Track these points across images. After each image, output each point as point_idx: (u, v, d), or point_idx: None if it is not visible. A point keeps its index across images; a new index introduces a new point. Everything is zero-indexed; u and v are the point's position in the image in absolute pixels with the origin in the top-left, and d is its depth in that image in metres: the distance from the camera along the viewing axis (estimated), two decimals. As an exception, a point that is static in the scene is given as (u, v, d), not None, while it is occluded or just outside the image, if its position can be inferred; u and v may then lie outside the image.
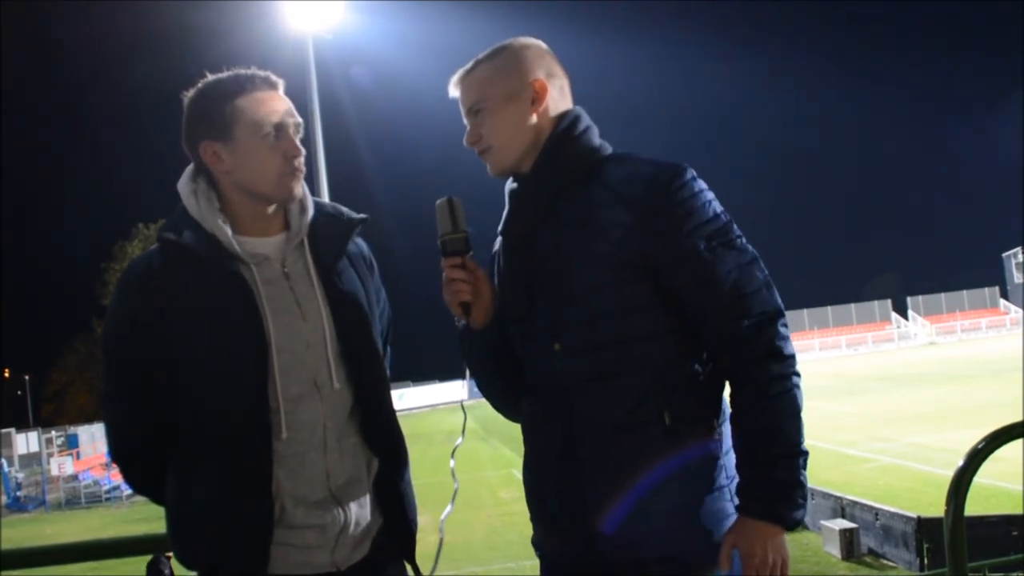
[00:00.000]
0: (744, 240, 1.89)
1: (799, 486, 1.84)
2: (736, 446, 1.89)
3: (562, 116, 2.00)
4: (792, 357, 1.87)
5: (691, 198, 1.87)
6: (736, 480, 1.91)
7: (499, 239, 2.10)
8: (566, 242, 1.91)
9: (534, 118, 1.98)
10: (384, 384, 2.08)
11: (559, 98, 2.01)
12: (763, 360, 1.84)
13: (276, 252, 1.98)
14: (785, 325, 1.87)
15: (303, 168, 1.97)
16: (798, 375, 1.88)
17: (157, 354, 1.88)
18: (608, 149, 2.01)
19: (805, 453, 1.84)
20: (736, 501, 1.89)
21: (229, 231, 1.92)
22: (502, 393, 2.14)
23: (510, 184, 2.06)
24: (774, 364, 1.84)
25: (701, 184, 1.90)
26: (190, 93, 1.97)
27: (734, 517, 1.89)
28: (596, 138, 2.01)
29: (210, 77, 1.97)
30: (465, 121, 2.04)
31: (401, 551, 2.06)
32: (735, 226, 1.90)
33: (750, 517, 1.84)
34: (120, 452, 2.02)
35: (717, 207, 1.90)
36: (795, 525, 1.84)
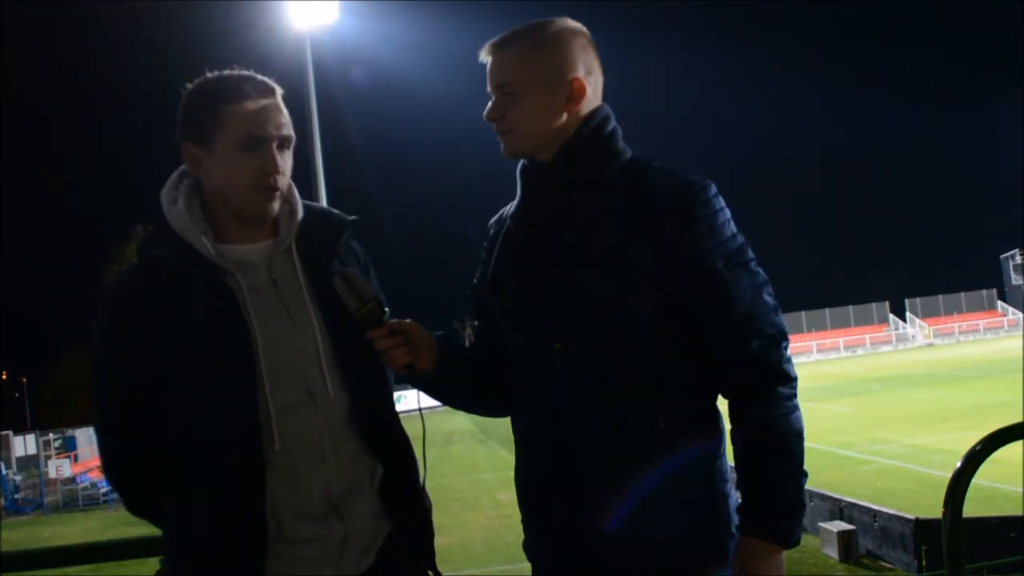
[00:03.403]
0: (756, 263, 1.90)
1: (801, 506, 1.86)
2: (738, 464, 1.89)
3: (591, 114, 1.95)
4: (795, 380, 1.89)
5: (713, 216, 1.87)
6: (731, 483, 1.92)
7: (508, 221, 2.05)
8: (578, 243, 1.88)
9: (565, 116, 1.93)
10: (384, 388, 2.04)
11: (592, 96, 1.96)
12: (769, 381, 1.85)
13: (262, 259, 1.93)
14: (788, 348, 1.89)
15: (280, 186, 1.89)
16: (797, 397, 1.89)
17: (144, 372, 1.85)
18: (628, 153, 1.97)
19: (806, 474, 1.86)
20: (733, 505, 1.90)
21: (208, 242, 1.88)
22: (480, 404, 2.20)
23: (523, 169, 2.01)
24: (779, 385, 1.86)
25: (722, 202, 1.90)
26: (188, 88, 1.92)
27: (729, 522, 1.89)
28: (620, 141, 1.97)
29: (207, 76, 1.91)
30: (490, 92, 1.97)
31: (419, 556, 2.02)
32: (749, 248, 1.91)
33: (752, 536, 1.84)
34: (114, 470, 1.99)
35: (734, 227, 1.90)
36: (795, 544, 1.86)
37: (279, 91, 1.93)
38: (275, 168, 1.87)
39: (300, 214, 1.98)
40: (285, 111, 1.92)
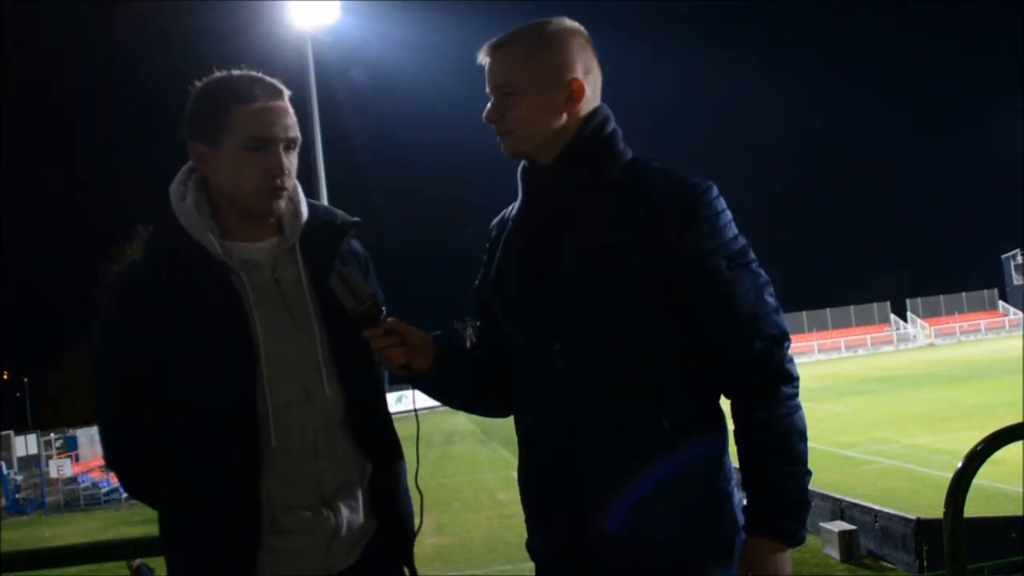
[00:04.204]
0: (758, 264, 1.91)
1: (805, 504, 1.86)
2: (742, 464, 1.90)
3: (591, 115, 1.96)
4: (798, 379, 1.90)
5: (715, 217, 1.87)
6: (733, 482, 1.93)
7: (509, 222, 2.06)
8: (579, 244, 1.89)
9: (565, 117, 1.94)
10: (378, 389, 2.06)
11: (591, 96, 1.96)
12: (772, 381, 1.86)
13: (267, 258, 1.95)
14: (790, 348, 1.90)
15: (286, 186, 1.92)
16: (799, 397, 1.90)
17: (146, 365, 1.87)
18: (629, 154, 1.98)
19: (810, 473, 1.87)
20: (737, 504, 1.90)
21: (215, 239, 1.90)
22: (479, 401, 2.19)
23: (524, 170, 2.01)
24: (783, 385, 1.87)
25: (724, 203, 1.90)
26: (196, 87, 1.94)
27: (732, 520, 1.90)
28: (621, 142, 1.98)
29: (216, 75, 1.93)
30: (489, 93, 1.97)
31: (398, 555, 2.05)
32: (751, 250, 1.91)
33: (757, 535, 1.85)
34: (114, 460, 2.02)
35: (736, 228, 1.91)
36: (800, 543, 1.86)
37: (287, 93, 1.94)
38: (281, 170, 1.89)
39: (305, 214, 1.99)
40: (292, 112, 1.94)
